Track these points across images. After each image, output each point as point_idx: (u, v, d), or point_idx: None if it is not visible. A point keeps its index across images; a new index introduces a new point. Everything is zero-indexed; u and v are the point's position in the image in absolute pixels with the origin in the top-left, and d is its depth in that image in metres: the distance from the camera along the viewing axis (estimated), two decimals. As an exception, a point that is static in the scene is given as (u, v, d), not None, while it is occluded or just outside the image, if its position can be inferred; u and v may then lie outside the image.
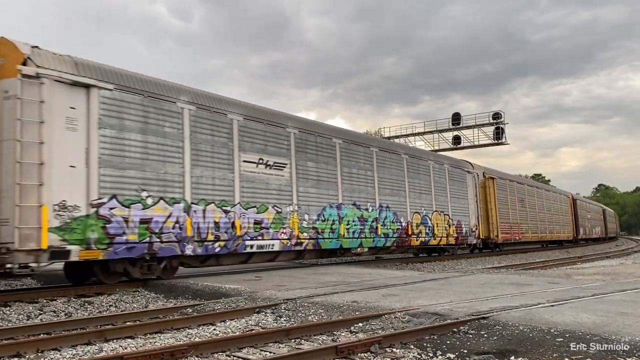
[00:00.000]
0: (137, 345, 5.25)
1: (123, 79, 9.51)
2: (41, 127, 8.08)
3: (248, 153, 11.62)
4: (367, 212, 15.07)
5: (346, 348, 4.62)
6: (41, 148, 8.06)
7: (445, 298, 7.28)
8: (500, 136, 33.29)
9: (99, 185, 8.79)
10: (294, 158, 12.83)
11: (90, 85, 8.85)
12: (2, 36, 8.50)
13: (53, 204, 8.15)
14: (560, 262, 18.61)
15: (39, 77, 8.19)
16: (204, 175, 10.58)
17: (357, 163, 15.06)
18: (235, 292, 8.35)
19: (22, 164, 7.87)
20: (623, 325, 5.14)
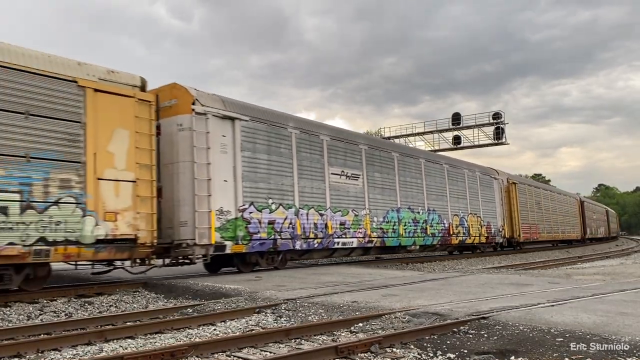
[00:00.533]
0: (138, 345, 5.25)
1: (254, 112, 12.08)
2: (208, 152, 10.60)
3: (334, 167, 14.16)
4: (419, 215, 17.51)
5: (346, 348, 4.62)
6: (208, 167, 10.56)
7: (446, 298, 7.28)
8: (501, 136, 33.32)
9: (242, 195, 11.26)
10: (365, 170, 15.30)
11: (235, 117, 11.40)
12: (175, 82, 10.93)
13: (215, 209, 10.59)
14: (560, 262, 18.62)
15: (205, 114, 10.72)
16: (306, 186, 13.09)
17: (410, 172, 17.56)
18: (236, 292, 8.35)
19: (197, 179, 10.30)
20: (623, 325, 5.14)
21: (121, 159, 9.20)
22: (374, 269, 13.35)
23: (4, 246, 7.67)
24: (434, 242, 18.25)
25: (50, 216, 8.22)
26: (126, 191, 9.20)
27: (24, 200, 7.98)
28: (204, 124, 10.62)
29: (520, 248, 26.28)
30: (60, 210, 8.36)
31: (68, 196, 8.47)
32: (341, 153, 14.48)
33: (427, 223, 17.89)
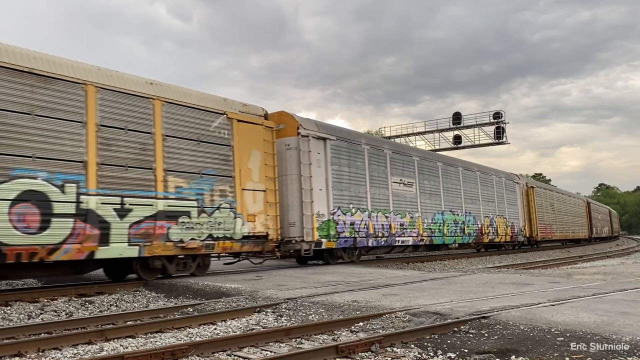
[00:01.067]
0: (138, 344, 5.26)
1: (338, 132, 14.74)
2: (310, 167, 13.15)
3: (395, 176, 16.61)
4: (458, 217, 19.95)
5: (347, 347, 4.62)
6: (310, 179, 13.12)
7: (446, 297, 7.28)
8: (501, 136, 33.30)
9: (332, 201, 13.77)
10: (417, 178, 17.78)
11: (326, 138, 13.91)
12: (282, 110, 13.62)
13: (314, 213, 13.04)
14: (560, 261, 18.61)
15: (307, 136, 13.29)
16: (375, 193, 15.58)
17: (450, 180, 19.93)
18: (236, 291, 8.35)
19: (303, 189, 12.94)
20: (624, 325, 5.14)
21: (256, 173, 11.82)
22: (374, 268, 13.35)
23: (188, 241, 10.11)
24: (470, 241, 20.76)
25: (215, 218, 10.73)
26: (260, 198, 11.82)
27: (199, 206, 10.44)
28: (307, 144, 13.25)
29: (537, 246, 28.94)
30: (221, 213, 10.85)
31: (225, 203, 10.99)
32: (399, 164, 16.95)
33: (465, 224, 20.37)
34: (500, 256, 21.93)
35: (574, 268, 15.01)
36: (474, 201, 21.36)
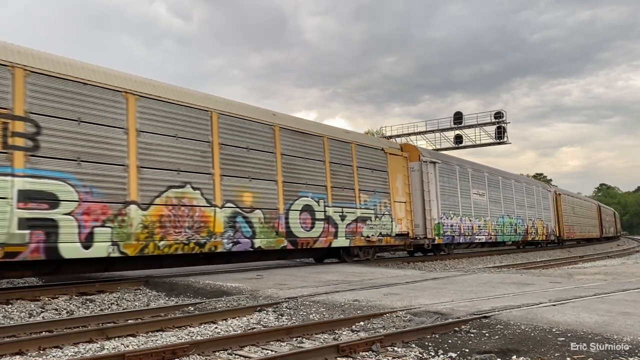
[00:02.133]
0: (139, 343, 5.26)
1: (441, 157, 19.89)
2: (428, 184, 17.91)
3: (474, 188, 21.45)
4: (512, 220, 24.89)
5: (347, 347, 4.62)
6: (429, 193, 17.88)
7: (447, 297, 7.27)
8: (502, 135, 33.26)
9: (440, 208, 18.41)
10: (487, 190, 22.66)
11: (435, 162, 18.65)
12: (406, 143, 19.75)
13: (432, 217, 17.77)
14: (561, 261, 18.59)
15: (426, 161, 18.08)
16: (463, 202, 20.28)
17: (507, 190, 24.84)
18: (237, 290, 8.35)
19: (425, 200, 17.71)
20: (625, 325, 5.13)
21: (400, 190, 16.91)
22: (375, 267, 13.35)
23: (371, 236, 15.15)
24: (519, 239, 25.81)
25: (382, 221, 15.78)
26: (403, 207, 16.91)
27: (375, 213, 15.52)
28: (426, 167, 18.06)
29: (563, 244, 34.46)
30: (384, 218, 15.91)
31: (386, 211, 16.06)
32: (476, 179, 21.81)
33: (517, 226, 25.34)
34: (501, 256, 21.94)
35: (575, 268, 14.99)
36: (521, 207, 26.35)
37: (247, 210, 11.57)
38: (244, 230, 11.43)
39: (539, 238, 28.54)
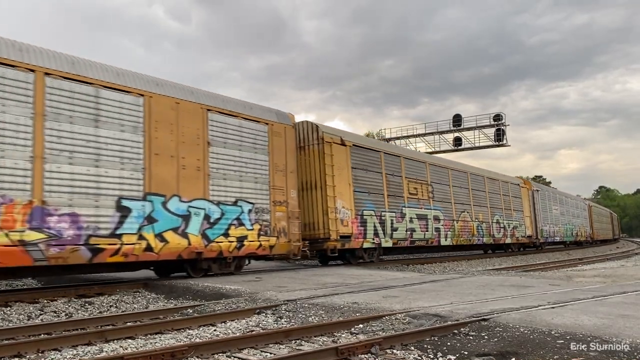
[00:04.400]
0: (138, 345, 5.25)
1: (539, 186, 32.43)
2: (535, 205, 29.21)
3: (554, 206, 32.75)
4: (569, 227, 35.96)
5: (346, 349, 4.62)
6: (536, 208, 29.27)
7: (446, 299, 7.27)
8: (501, 138, 33.34)
9: (542, 220, 30.25)
10: (559, 206, 33.95)
11: (539, 190, 30.59)
12: (526, 179, 31.45)
13: (539, 226, 29.20)
14: (560, 264, 18.59)
15: (538, 190, 30.19)
16: (550, 214, 31.90)
17: (566, 208, 36.16)
18: (236, 293, 8.35)
19: (535, 217, 28.86)
20: (624, 328, 5.13)
21: (526, 208, 27.86)
22: (374, 270, 13.34)
23: (522, 237, 26.27)
24: (571, 240, 36.65)
25: (521, 228, 26.81)
26: (528, 219, 27.90)
27: (519, 223, 26.10)
28: (537, 194, 29.30)
29: (596, 243, 45.54)
30: (522, 227, 26.43)
31: (522, 222, 27.03)
32: (554, 200, 33.43)
33: (572, 230, 36.74)
34: (500, 258, 21.93)
35: (574, 270, 15.00)
36: (575, 217, 38.54)
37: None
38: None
39: (583, 239, 40.79)
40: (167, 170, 10.16)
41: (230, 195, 11.34)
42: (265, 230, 11.99)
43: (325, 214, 13.87)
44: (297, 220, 12.85)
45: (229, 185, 11.33)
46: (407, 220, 17.10)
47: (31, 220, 8.17)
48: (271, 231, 12.14)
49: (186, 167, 10.51)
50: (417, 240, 17.59)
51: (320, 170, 14.05)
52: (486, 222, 22.62)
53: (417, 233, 17.59)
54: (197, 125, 10.82)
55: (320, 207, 13.96)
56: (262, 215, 12.02)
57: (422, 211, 18.07)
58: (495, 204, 23.87)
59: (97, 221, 8.97)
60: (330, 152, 14.20)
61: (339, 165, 14.46)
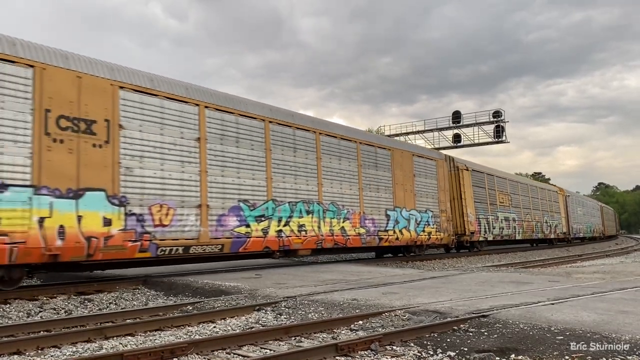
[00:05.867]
0: (137, 342, 5.25)
1: (576, 195, 43.87)
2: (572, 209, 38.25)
3: (577, 208, 40.09)
4: (588, 225, 42.56)
5: (346, 346, 4.62)
6: (569, 212, 37.06)
7: (445, 296, 7.27)
8: (501, 134, 33.27)
9: (573, 219, 38.16)
10: (581, 208, 41.39)
11: (569, 195, 37.91)
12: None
13: (570, 224, 37.73)
14: (560, 260, 18.60)
15: (569, 195, 37.92)
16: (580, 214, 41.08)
17: (586, 209, 43.00)
18: (236, 289, 8.35)
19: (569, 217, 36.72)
20: (623, 324, 5.14)
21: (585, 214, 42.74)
22: (373, 267, 13.34)
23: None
24: (588, 236, 41.87)
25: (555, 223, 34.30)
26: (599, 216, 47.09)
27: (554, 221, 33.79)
28: (572, 199, 38.50)
29: (605, 238, 51.38)
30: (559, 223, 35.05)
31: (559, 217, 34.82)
32: (581, 204, 41.20)
33: (590, 227, 42.68)
34: (499, 255, 21.94)
35: (573, 267, 15.01)
36: (592, 217, 45.59)
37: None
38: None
39: (596, 235, 46.46)
40: (401, 193, 16.92)
41: (424, 206, 18.01)
42: (438, 229, 18.60)
43: (461, 217, 20.53)
44: (450, 222, 19.53)
45: (423, 201, 18.00)
46: (499, 221, 23.97)
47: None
48: (441, 229, 18.75)
49: (406, 190, 17.15)
50: (504, 235, 24.45)
51: (456, 188, 20.69)
52: (540, 222, 29.86)
53: (504, 230, 24.52)
54: (409, 163, 17.66)
55: (458, 213, 20.56)
56: (436, 219, 18.61)
57: (506, 214, 24.99)
58: (544, 208, 31.18)
59: (380, 222, 15.68)
60: (462, 176, 20.91)
61: (466, 184, 21.10)
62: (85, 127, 8.71)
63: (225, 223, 10.83)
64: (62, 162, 8.35)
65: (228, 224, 10.87)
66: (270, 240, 11.75)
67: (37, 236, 7.92)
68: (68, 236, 8.26)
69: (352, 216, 14.37)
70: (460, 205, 20.49)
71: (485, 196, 22.85)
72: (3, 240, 7.54)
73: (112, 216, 8.88)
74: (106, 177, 8.88)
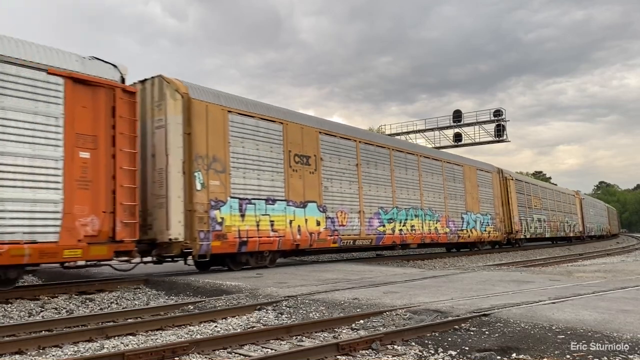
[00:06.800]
0: (139, 342, 5.25)
1: (580, 195, 44.72)
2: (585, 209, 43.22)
3: (590, 209, 45.31)
4: (598, 224, 48.10)
5: (347, 345, 4.62)
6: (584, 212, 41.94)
7: (446, 295, 7.27)
8: (502, 133, 33.26)
9: (587, 219, 43.33)
10: (592, 210, 47.19)
11: (583, 198, 42.81)
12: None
13: (585, 223, 42.73)
14: (560, 259, 18.60)
15: (580, 198, 41.55)
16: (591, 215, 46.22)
17: (596, 210, 49.07)
18: (237, 289, 8.35)
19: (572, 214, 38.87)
20: (624, 323, 5.13)
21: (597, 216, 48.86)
22: (374, 266, 13.35)
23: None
24: (601, 233, 46.84)
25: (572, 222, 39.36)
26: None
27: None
28: (583, 202, 42.06)
29: (614, 236, 57.32)
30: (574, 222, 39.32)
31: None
32: (591, 206, 46.02)
33: (599, 225, 47.10)
34: (500, 254, 21.93)
35: (574, 266, 14.99)
36: (601, 217, 50.68)
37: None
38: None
39: (607, 233, 53.18)
40: (470, 200, 21.25)
41: (485, 210, 22.40)
42: (494, 228, 23.05)
43: (509, 219, 24.66)
44: (502, 222, 23.99)
45: (484, 206, 22.42)
46: (534, 222, 28.28)
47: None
48: (497, 229, 23.23)
49: (473, 198, 21.48)
50: (537, 233, 28.65)
51: (505, 194, 24.84)
52: (562, 222, 34.30)
53: (537, 229, 28.73)
54: (474, 176, 22.16)
55: (507, 215, 24.62)
56: (493, 221, 23.07)
57: (539, 216, 29.24)
58: (565, 210, 35.67)
59: (458, 224, 19.99)
60: (509, 184, 25.22)
61: (512, 191, 25.36)
62: (305, 160, 13.09)
63: (372, 224, 15.16)
64: (297, 185, 12.67)
65: (373, 224, 15.22)
66: (396, 237, 16.14)
67: (289, 232, 12.26)
68: (302, 232, 12.64)
69: (441, 219, 18.80)
70: (508, 209, 24.82)
71: (524, 201, 27.13)
72: (275, 234, 11.85)
73: (320, 219, 13.27)
74: (316, 193, 13.24)
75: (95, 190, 8.61)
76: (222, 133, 10.97)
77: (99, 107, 8.77)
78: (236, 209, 11.04)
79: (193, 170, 10.27)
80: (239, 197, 11.12)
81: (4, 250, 7.44)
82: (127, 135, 9.12)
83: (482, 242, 22.17)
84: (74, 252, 8.28)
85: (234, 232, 10.90)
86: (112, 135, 8.89)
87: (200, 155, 10.44)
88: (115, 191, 8.81)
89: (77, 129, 8.44)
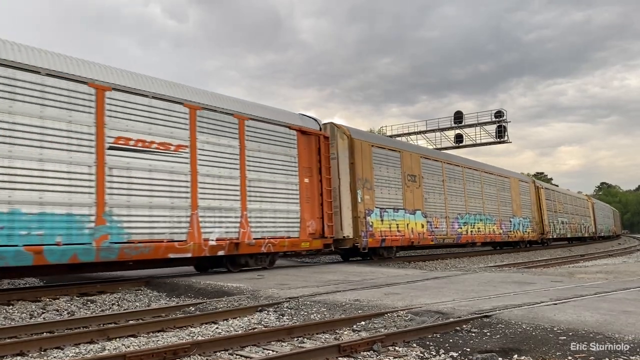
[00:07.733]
0: (140, 343, 5.25)
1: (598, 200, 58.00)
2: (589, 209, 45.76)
3: (600, 211, 49.74)
4: (606, 226, 51.78)
5: (349, 346, 4.62)
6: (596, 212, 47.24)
7: (448, 296, 7.26)
8: (503, 134, 33.24)
9: (597, 220, 48.66)
10: (601, 212, 50.59)
11: (594, 203, 48.56)
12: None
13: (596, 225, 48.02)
14: (562, 260, 18.57)
15: (592, 202, 46.86)
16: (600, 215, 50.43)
17: (604, 212, 53.76)
18: (238, 290, 8.35)
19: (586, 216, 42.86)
20: (626, 324, 5.12)
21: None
22: (375, 267, 13.33)
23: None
24: (604, 234, 47.56)
25: None
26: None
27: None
28: (594, 206, 47.26)
29: (617, 237, 60.25)
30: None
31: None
32: (600, 209, 49.56)
33: (605, 227, 49.15)
34: (502, 255, 21.93)
35: (576, 267, 14.97)
36: (608, 218, 53.59)
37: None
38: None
39: (613, 234, 56.86)
40: (515, 206, 25.31)
41: (524, 214, 26.48)
42: (532, 230, 27.11)
43: (541, 222, 28.82)
44: (537, 225, 28.04)
45: (524, 211, 26.44)
46: (559, 224, 32.63)
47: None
48: (534, 230, 27.26)
49: (517, 204, 25.59)
50: (561, 234, 33.11)
51: (537, 201, 28.94)
52: (579, 224, 38.57)
53: (561, 230, 33.04)
54: (517, 185, 26.56)
55: (539, 219, 28.77)
56: (531, 223, 26.93)
57: (562, 219, 33.62)
58: (580, 213, 39.83)
59: (507, 226, 23.81)
60: (540, 192, 29.51)
61: (542, 198, 29.53)
62: (413, 178, 17.05)
63: (454, 226, 19.07)
64: (409, 197, 16.71)
65: (454, 227, 19.11)
66: (468, 237, 20.08)
67: (407, 232, 16.37)
68: (414, 233, 16.68)
69: (496, 222, 22.86)
70: (540, 214, 29.02)
71: (551, 206, 31.60)
72: (399, 234, 15.96)
73: (423, 223, 17.23)
74: (420, 203, 17.21)
75: (312, 203, 12.98)
76: (369, 161, 15.20)
77: (311, 148, 13.25)
78: (378, 216, 15.19)
79: (356, 189, 14.39)
80: (379, 207, 15.26)
81: (277, 242, 11.92)
82: (325, 166, 13.46)
83: (523, 240, 26.45)
84: (306, 243, 12.66)
85: (378, 232, 15.08)
86: (318, 167, 13.33)
87: (359, 177, 14.51)
88: (322, 204, 13.21)
89: (302, 164, 12.87)
